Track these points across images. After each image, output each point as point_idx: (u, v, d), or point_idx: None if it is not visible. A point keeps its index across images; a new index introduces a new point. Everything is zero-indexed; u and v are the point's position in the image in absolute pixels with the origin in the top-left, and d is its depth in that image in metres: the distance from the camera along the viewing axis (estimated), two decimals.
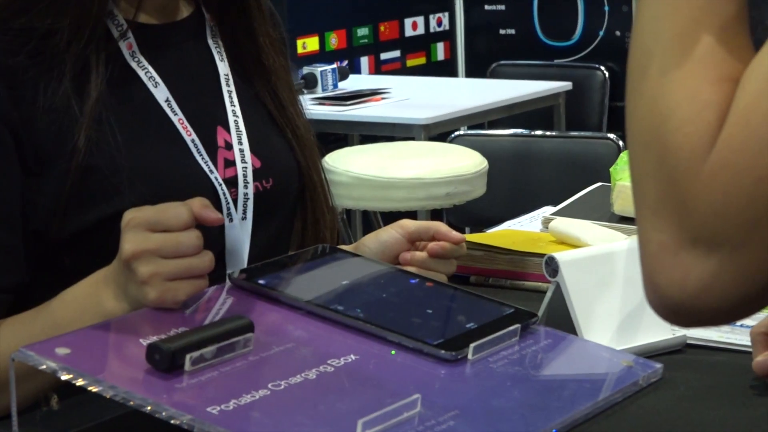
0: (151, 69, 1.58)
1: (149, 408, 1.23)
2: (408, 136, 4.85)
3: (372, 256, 1.64)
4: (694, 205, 0.90)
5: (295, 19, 5.74)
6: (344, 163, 4.38)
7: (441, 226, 1.67)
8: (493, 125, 5.55)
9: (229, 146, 1.61)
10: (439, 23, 6.81)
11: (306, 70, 5.32)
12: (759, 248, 0.89)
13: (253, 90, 1.69)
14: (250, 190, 1.60)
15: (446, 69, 6.78)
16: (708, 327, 1.50)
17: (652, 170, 0.93)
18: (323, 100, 5.11)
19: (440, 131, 4.90)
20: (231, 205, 1.58)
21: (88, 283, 1.45)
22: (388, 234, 1.67)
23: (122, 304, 1.41)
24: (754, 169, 0.88)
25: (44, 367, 1.26)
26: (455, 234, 1.67)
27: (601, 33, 6.63)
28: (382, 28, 6.29)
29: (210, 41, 1.67)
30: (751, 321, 1.52)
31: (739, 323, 1.58)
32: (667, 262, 0.91)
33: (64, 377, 1.26)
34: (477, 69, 6.76)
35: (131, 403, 1.24)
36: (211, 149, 1.59)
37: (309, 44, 5.84)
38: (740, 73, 0.92)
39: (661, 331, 1.53)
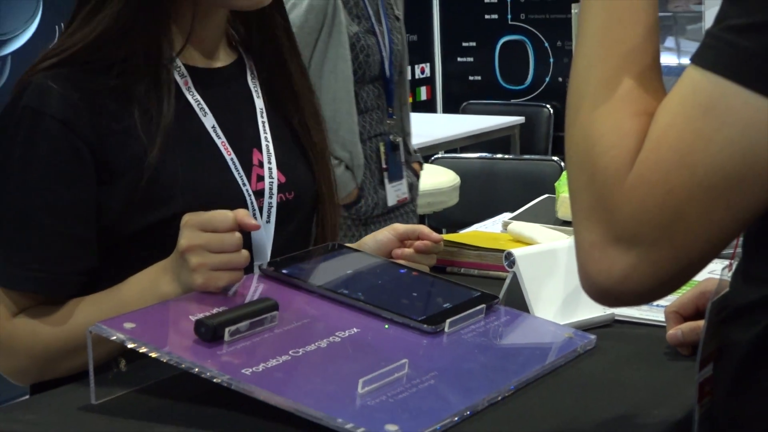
0: (202, 101, 1.57)
1: (196, 370, 1.22)
2: None
3: (370, 251, 1.63)
4: (617, 212, 0.90)
5: None
6: None
7: (424, 229, 1.67)
8: (464, 150, 5.54)
9: (261, 164, 1.60)
10: (423, 71, 6.80)
11: None
12: (668, 246, 0.89)
13: (282, 115, 1.68)
14: (275, 200, 1.60)
15: (428, 107, 6.78)
16: (630, 307, 1.49)
17: (584, 184, 0.93)
18: None
19: (423, 154, 4.87)
20: (257, 211, 1.57)
21: (150, 271, 1.45)
22: (383, 235, 1.67)
23: (175, 287, 1.41)
24: (664, 184, 0.89)
25: (115, 338, 1.26)
26: (435, 235, 1.67)
27: (548, 79, 6.64)
28: None
29: (249, 82, 1.66)
30: (664, 302, 1.51)
31: (655, 303, 1.57)
32: (596, 257, 0.92)
33: (130, 346, 1.26)
34: (452, 107, 6.76)
35: (182, 366, 1.23)
36: (247, 166, 1.58)
37: None
38: (655, 108, 0.92)
39: (594, 310, 1.53)
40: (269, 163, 1.61)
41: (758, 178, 0.87)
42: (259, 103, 1.65)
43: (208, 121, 1.57)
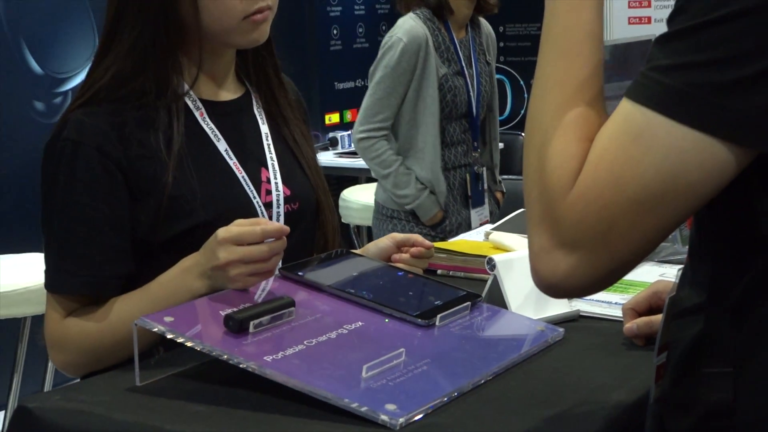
0: (215, 129, 1.57)
1: (225, 357, 1.22)
2: None
3: (372, 256, 1.63)
4: (562, 222, 0.91)
5: (323, 101, 5.74)
6: (356, 196, 4.38)
7: (418, 237, 1.67)
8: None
9: (268, 180, 1.60)
10: None
11: (331, 134, 5.32)
12: (604, 251, 0.91)
13: (281, 137, 1.68)
14: (282, 210, 1.59)
15: None
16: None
17: (536, 198, 0.94)
18: (342, 154, 5.11)
19: None
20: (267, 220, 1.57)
21: (176, 270, 1.45)
22: (384, 242, 1.66)
23: (206, 284, 1.41)
24: (600, 200, 0.90)
25: (156, 329, 1.26)
26: (427, 242, 1.67)
27: (522, 111, 6.63)
28: None
29: (255, 111, 1.66)
30: (622, 300, 1.51)
31: (614, 302, 1.57)
32: (544, 258, 0.93)
33: (169, 336, 1.25)
34: None
35: (213, 353, 1.23)
36: (257, 183, 1.58)
37: (333, 118, 5.82)
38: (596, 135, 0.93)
39: (562, 307, 1.52)
40: (275, 179, 1.60)
41: (679, 195, 0.89)
42: (264, 128, 1.65)
43: (221, 145, 1.57)
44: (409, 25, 3.13)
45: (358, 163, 4.93)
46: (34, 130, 3.95)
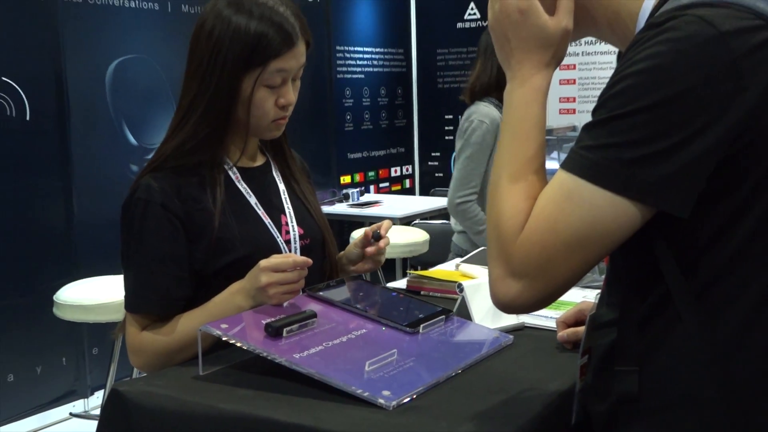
0: (247, 187, 1.56)
1: (265, 354, 1.21)
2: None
3: (355, 245, 1.64)
4: (511, 258, 0.92)
5: (339, 167, 5.76)
6: None
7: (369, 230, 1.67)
8: (432, 218, 5.53)
9: (287, 224, 1.59)
10: (407, 170, 6.80)
11: (344, 191, 5.32)
12: (543, 280, 0.91)
13: (294, 192, 1.67)
14: (298, 246, 1.58)
15: (410, 191, 6.78)
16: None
17: (494, 240, 0.95)
18: (352, 206, 5.11)
19: (407, 221, 4.88)
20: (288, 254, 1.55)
21: (226, 292, 1.43)
22: (359, 234, 1.68)
23: (249, 302, 1.40)
24: (540, 242, 0.90)
25: (215, 333, 1.24)
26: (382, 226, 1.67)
27: None
28: (380, 172, 6.29)
29: (274, 174, 1.65)
30: (556, 315, 1.49)
31: (550, 316, 1.56)
32: (499, 284, 0.93)
33: (224, 339, 1.24)
34: (425, 192, 6.75)
35: (256, 351, 1.22)
36: (278, 226, 1.57)
37: (346, 179, 5.83)
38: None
39: (512, 320, 1.51)
40: (291, 221, 1.59)
41: (598, 239, 0.89)
42: (282, 186, 1.64)
43: (252, 199, 1.56)
44: (485, 111, 3.01)
45: (364, 212, 4.93)
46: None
